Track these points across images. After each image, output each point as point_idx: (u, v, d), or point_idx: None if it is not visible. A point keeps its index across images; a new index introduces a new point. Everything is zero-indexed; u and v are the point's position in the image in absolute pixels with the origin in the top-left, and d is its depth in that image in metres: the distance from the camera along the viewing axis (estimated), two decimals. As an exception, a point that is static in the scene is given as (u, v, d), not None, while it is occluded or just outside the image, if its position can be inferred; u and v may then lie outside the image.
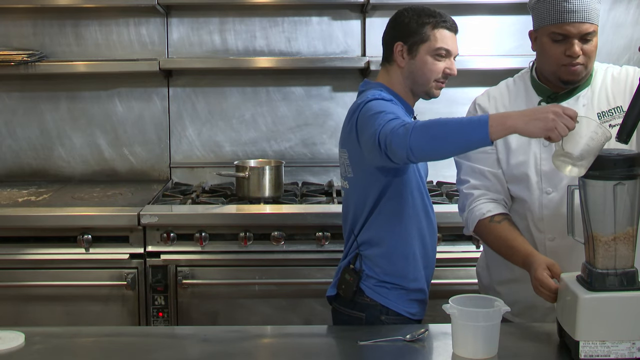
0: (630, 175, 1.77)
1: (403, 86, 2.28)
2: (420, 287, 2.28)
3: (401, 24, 2.26)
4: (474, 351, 1.82)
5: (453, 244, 3.14)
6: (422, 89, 2.27)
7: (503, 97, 2.26)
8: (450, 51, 2.23)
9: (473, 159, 2.24)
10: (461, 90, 3.79)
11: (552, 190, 2.15)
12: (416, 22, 2.23)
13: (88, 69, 3.76)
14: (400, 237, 2.23)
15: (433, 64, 2.22)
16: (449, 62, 2.24)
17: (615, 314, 1.76)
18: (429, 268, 2.33)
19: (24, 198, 3.45)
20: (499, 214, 2.17)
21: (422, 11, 2.24)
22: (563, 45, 2.08)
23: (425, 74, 2.24)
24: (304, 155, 3.91)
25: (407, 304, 2.26)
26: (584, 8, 2.04)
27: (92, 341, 2.11)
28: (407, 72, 2.25)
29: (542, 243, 2.17)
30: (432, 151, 1.92)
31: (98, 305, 3.17)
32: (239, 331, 2.21)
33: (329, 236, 3.16)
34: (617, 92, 2.16)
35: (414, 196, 2.24)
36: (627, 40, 3.84)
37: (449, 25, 2.24)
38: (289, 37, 3.85)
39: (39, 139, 3.92)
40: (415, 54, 2.23)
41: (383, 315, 2.24)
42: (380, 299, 2.24)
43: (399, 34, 2.26)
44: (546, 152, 2.15)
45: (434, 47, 2.21)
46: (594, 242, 1.82)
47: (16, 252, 3.17)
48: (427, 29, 2.21)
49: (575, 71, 2.11)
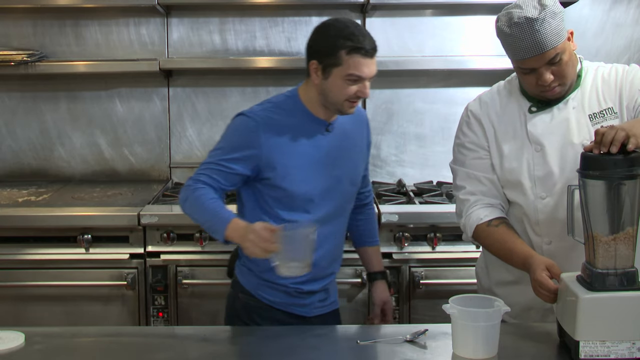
0: (630, 175, 1.77)
1: (316, 100, 2.27)
2: (273, 279, 2.30)
3: (318, 43, 2.23)
4: (474, 351, 1.82)
5: (453, 244, 3.15)
6: (334, 107, 2.26)
7: (494, 103, 2.25)
8: (362, 77, 2.19)
9: (468, 164, 2.24)
10: (461, 90, 3.80)
11: (546, 195, 2.14)
12: (332, 45, 2.18)
13: (88, 69, 3.76)
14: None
15: (344, 87, 2.20)
16: (362, 85, 2.21)
17: (615, 314, 1.76)
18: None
19: (24, 198, 3.45)
20: (496, 218, 2.17)
21: (341, 32, 2.18)
22: (533, 76, 2.07)
23: (336, 95, 2.22)
24: (304, 155, 3.91)
25: (262, 289, 2.34)
26: (537, 40, 2.00)
27: (92, 341, 2.11)
28: (320, 90, 2.24)
29: (540, 246, 2.17)
30: (190, 217, 2.26)
31: (98, 305, 3.17)
32: (239, 331, 2.21)
33: (329, 236, 3.17)
34: (607, 93, 2.14)
35: (267, 202, 2.29)
36: (627, 40, 3.84)
37: (364, 51, 2.18)
38: (289, 37, 3.85)
39: (39, 139, 3.92)
40: (328, 76, 2.20)
41: (240, 293, 2.37)
42: (241, 278, 2.38)
43: (315, 53, 2.23)
44: (539, 157, 2.14)
45: (346, 72, 2.17)
46: (594, 242, 1.82)
47: (16, 252, 3.17)
48: (342, 53, 2.16)
49: (554, 92, 2.10)
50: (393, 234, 3.18)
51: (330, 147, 2.31)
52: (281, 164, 2.24)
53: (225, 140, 2.29)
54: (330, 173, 2.31)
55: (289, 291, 2.34)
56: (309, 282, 2.33)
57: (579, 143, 2.09)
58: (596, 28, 3.84)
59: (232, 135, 2.28)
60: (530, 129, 2.15)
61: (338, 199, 2.35)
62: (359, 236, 2.63)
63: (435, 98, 3.88)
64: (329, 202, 2.31)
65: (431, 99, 3.89)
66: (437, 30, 3.82)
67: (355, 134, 2.41)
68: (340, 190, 2.35)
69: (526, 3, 2.04)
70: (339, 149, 2.33)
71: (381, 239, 3.16)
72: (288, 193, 2.26)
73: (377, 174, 3.91)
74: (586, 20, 3.83)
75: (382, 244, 3.17)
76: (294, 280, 2.28)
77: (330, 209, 2.32)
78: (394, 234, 3.18)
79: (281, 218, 2.26)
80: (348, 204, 2.43)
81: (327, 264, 2.37)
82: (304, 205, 2.28)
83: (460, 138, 2.28)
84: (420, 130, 3.91)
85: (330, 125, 2.31)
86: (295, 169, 2.25)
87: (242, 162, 2.23)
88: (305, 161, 2.27)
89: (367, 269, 2.64)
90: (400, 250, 3.18)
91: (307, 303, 2.37)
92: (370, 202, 2.64)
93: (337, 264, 2.45)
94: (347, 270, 3.18)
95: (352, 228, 2.59)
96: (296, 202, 2.27)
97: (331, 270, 2.42)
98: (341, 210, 2.39)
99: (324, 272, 2.38)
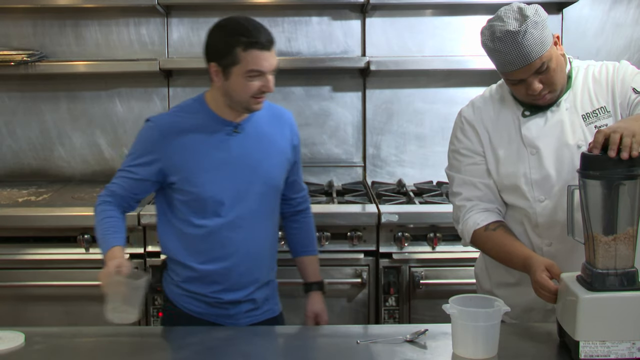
0: (630, 175, 1.77)
1: (221, 102, 2.25)
2: (192, 289, 2.30)
3: (213, 45, 2.21)
4: (474, 351, 1.83)
5: (453, 244, 3.15)
6: (240, 106, 2.23)
7: (487, 108, 2.24)
8: (263, 71, 2.17)
9: (463, 170, 2.24)
10: (461, 90, 3.80)
11: (544, 198, 2.14)
12: (227, 44, 2.16)
13: (88, 69, 3.76)
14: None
15: (246, 85, 2.17)
16: (264, 79, 2.18)
17: (615, 314, 1.76)
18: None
19: (24, 198, 3.45)
20: (493, 221, 2.17)
21: (234, 30, 2.17)
22: (523, 86, 2.07)
23: (240, 94, 2.19)
24: (303, 155, 3.89)
25: (184, 299, 2.32)
26: (522, 52, 1.99)
27: (92, 341, 2.11)
28: (224, 91, 2.22)
29: (540, 248, 2.17)
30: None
31: (98, 305, 3.15)
32: (239, 331, 2.21)
33: (329, 236, 3.17)
34: (599, 92, 2.14)
35: (177, 207, 2.28)
36: (627, 40, 3.85)
37: (260, 45, 2.15)
38: (289, 37, 3.85)
39: (39, 139, 3.92)
40: (229, 76, 2.17)
41: (167, 303, 2.36)
42: (166, 288, 2.38)
43: (212, 55, 2.21)
44: (535, 161, 2.14)
45: (246, 69, 2.14)
46: (594, 242, 1.82)
47: (16, 252, 3.17)
48: (238, 51, 2.14)
49: (545, 100, 2.10)
50: (393, 234, 3.18)
51: (240, 148, 2.26)
52: (185, 167, 2.22)
53: (133, 147, 2.31)
54: (240, 175, 2.26)
55: (209, 301, 2.30)
56: (226, 292, 2.29)
57: (574, 144, 2.10)
58: (596, 28, 3.84)
59: (138, 141, 2.30)
60: (525, 133, 2.15)
61: (252, 202, 2.27)
62: (294, 245, 2.55)
63: (435, 98, 3.89)
64: (241, 204, 2.26)
65: (431, 99, 3.89)
66: (437, 30, 3.82)
67: (273, 134, 2.35)
68: (255, 192, 2.28)
69: (507, 15, 2.03)
70: (251, 150, 2.28)
71: (381, 238, 3.19)
72: (196, 196, 2.23)
73: (377, 174, 3.91)
74: (586, 20, 3.83)
75: (383, 244, 3.19)
76: (212, 290, 2.28)
77: (244, 211, 2.26)
78: (394, 234, 3.18)
79: (193, 224, 2.25)
80: (266, 207, 2.33)
81: (245, 271, 2.30)
82: (215, 209, 2.24)
83: (454, 144, 2.28)
84: (420, 130, 3.91)
85: (239, 126, 2.27)
86: (200, 172, 2.23)
87: (146, 167, 2.24)
88: (211, 163, 2.23)
89: (303, 279, 2.54)
90: (400, 250, 3.18)
91: (232, 314, 2.32)
92: (306, 209, 2.55)
93: (262, 272, 2.35)
94: (347, 270, 3.18)
95: (288, 237, 2.55)
96: (207, 206, 2.24)
97: (254, 277, 2.32)
98: (257, 214, 2.30)
99: (243, 280, 2.30)
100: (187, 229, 2.26)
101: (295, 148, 2.42)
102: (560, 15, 3.78)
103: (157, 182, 2.26)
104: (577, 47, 3.70)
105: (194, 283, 2.29)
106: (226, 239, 2.26)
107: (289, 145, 2.39)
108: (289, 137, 2.40)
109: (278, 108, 2.42)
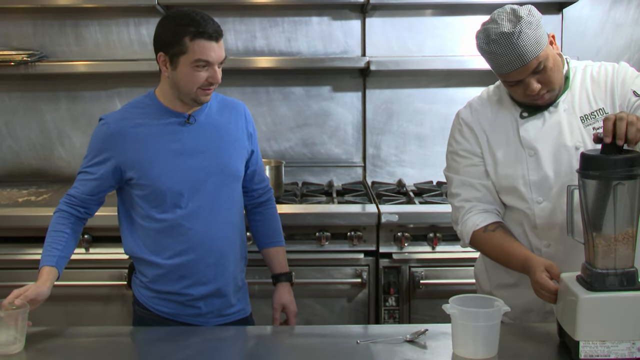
0: (630, 175, 1.77)
1: (170, 94, 2.28)
2: (161, 288, 2.31)
3: (161, 35, 2.23)
4: (474, 351, 1.83)
5: (453, 244, 3.14)
6: (188, 97, 2.25)
7: (485, 109, 2.24)
8: (210, 61, 2.18)
9: (462, 172, 2.24)
10: (461, 90, 3.80)
11: (543, 200, 2.14)
12: (174, 33, 2.18)
13: (88, 69, 3.76)
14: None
15: (193, 75, 2.18)
16: (212, 70, 2.19)
17: (615, 314, 1.76)
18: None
19: (24, 198, 3.45)
20: (492, 222, 2.17)
21: (182, 19, 2.18)
22: (520, 87, 2.07)
23: (187, 84, 2.21)
24: (303, 155, 3.91)
25: (153, 301, 2.32)
26: (517, 54, 1.99)
27: (92, 341, 2.11)
28: (172, 82, 2.24)
29: (539, 249, 2.17)
30: None
31: (98, 305, 3.17)
32: (238, 331, 2.21)
33: (329, 236, 3.17)
34: (597, 93, 2.13)
35: (138, 204, 2.30)
36: (627, 40, 3.84)
37: (208, 35, 2.17)
38: (289, 37, 3.85)
39: (39, 139, 3.92)
40: (176, 66, 2.20)
41: (136, 306, 2.37)
42: (135, 291, 2.38)
43: (160, 45, 2.23)
44: (533, 162, 2.14)
45: (193, 59, 2.17)
46: (594, 242, 1.82)
47: (16, 252, 3.17)
48: (186, 40, 2.16)
49: (544, 100, 2.10)
50: (393, 234, 3.18)
51: (194, 139, 2.28)
52: (140, 161, 2.24)
53: (88, 148, 2.34)
54: (197, 165, 2.27)
55: (180, 300, 2.30)
56: (195, 285, 2.30)
57: (572, 146, 2.10)
58: (596, 28, 3.84)
59: (91, 141, 2.33)
60: (523, 135, 2.15)
61: (211, 191, 2.29)
62: (259, 237, 2.54)
63: (435, 98, 3.89)
64: (200, 194, 2.27)
65: (431, 99, 3.89)
66: (437, 30, 3.82)
67: (227, 124, 2.37)
68: (212, 182, 2.29)
69: (501, 17, 2.04)
70: (206, 140, 2.30)
71: (381, 239, 3.19)
72: (154, 189, 2.25)
73: (377, 174, 3.91)
74: (586, 20, 3.83)
75: (383, 244, 3.19)
76: (182, 285, 2.29)
77: (204, 201, 2.28)
78: (394, 234, 3.18)
79: (155, 218, 2.27)
80: (226, 196, 2.33)
81: (213, 262, 2.30)
82: (174, 200, 2.26)
83: (453, 146, 2.28)
84: (420, 130, 3.91)
85: (191, 117, 2.29)
86: (155, 164, 2.24)
87: (102, 165, 2.27)
88: (165, 155, 2.25)
89: (270, 271, 2.53)
90: (400, 250, 3.18)
91: (204, 312, 2.32)
92: (268, 200, 2.55)
93: (230, 262, 2.35)
94: (347, 270, 3.18)
95: (252, 229, 2.55)
96: (166, 198, 2.25)
97: (223, 267, 2.32)
98: (218, 204, 2.31)
99: (211, 271, 2.30)
100: (149, 225, 2.28)
101: (252, 136, 2.44)
102: (560, 15, 3.78)
103: (115, 180, 2.28)
104: (577, 47, 3.71)
105: (162, 281, 2.30)
106: (189, 231, 2.27)
107: (244, 133, 2.41)
108: (243, 125, 2.42)
109: (230, 99, 2.45)
